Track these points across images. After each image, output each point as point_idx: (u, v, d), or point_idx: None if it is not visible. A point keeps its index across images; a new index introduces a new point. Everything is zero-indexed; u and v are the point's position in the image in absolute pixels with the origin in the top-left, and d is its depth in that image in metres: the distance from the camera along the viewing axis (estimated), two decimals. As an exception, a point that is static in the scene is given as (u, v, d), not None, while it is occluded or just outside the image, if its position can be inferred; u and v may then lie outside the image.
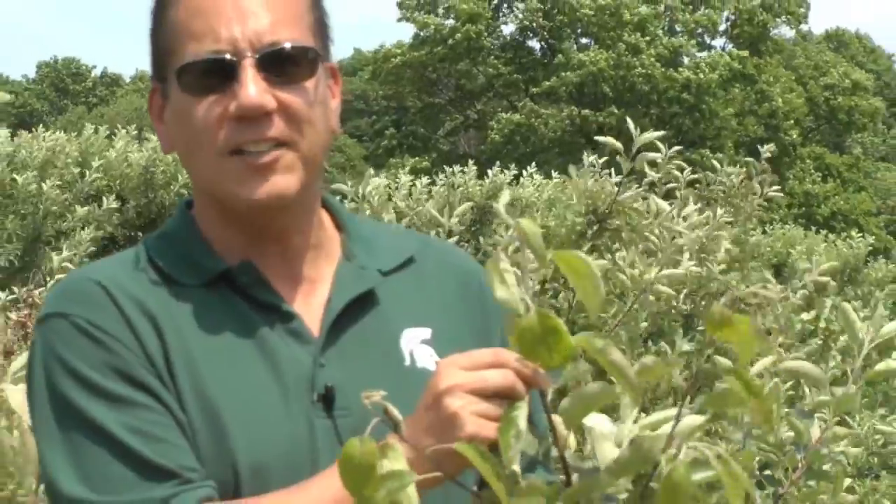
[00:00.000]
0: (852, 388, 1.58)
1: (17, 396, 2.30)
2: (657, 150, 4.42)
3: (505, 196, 2.78)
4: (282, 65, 1.58)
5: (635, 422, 1.40)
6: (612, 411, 1.38)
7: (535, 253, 1.29)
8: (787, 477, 1.54)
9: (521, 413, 1.30)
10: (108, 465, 1.48)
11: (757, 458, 1.89)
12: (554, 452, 1.37)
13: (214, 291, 1.60)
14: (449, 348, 1.63)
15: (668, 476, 1.22)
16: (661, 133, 4.25)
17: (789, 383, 3.00)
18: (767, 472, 2.10)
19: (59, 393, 1.51)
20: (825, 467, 2.02)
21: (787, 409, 2.23)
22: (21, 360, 2.41)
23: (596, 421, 1.39)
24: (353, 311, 1.63)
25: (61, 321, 1.54)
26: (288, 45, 1.58)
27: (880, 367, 1.56)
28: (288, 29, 1.59)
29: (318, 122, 1.60)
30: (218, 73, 1.56)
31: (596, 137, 4.54)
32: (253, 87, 1.54)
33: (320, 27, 1.67)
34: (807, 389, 1.65)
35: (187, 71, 1.57)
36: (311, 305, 1.64)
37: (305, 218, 1.66)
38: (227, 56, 1.55)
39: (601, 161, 4.78)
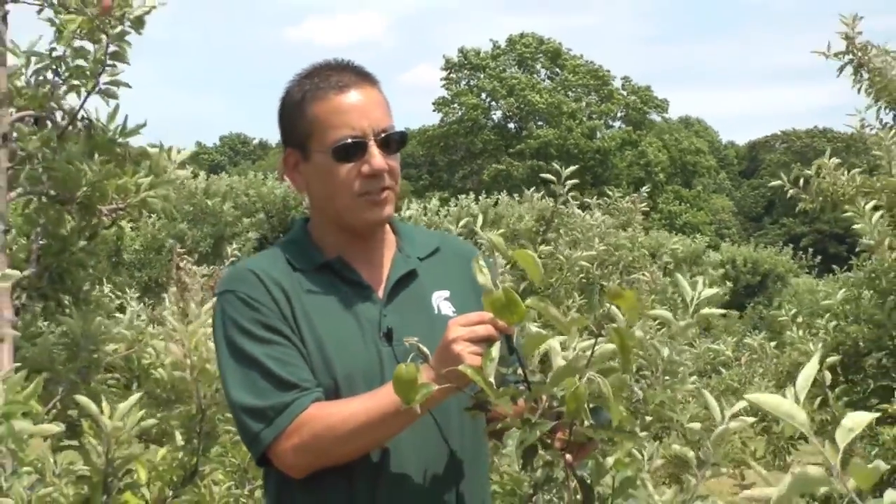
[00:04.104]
0: (686, 322, 1.55)
1: (198, 331, 2.25)
2: (578, 183, 4.53)
3: (479, 220, 2.74)
4: (389, 143, 1.55)
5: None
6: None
7: (501, 253, 1.37)
8: (654, 376, 1.51)
9: (495, 350, 1.33)
10: (260, 381, 1.46)
11: (635, 364, 1.89)
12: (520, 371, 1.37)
13: (320, 273, 1.57)
14: (460, 303, 1.61)
15: (573, 389, 1.24)
16: (576, 167, 4.39)
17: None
18: (644, 371, 2.11)
19: (232, 340, 1.50)
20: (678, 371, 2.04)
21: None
22: (209, 305, 2.37)
23: (553, 345, 1.39)
24: (403, 282, 1.60)
25: (231, 295, 1.52)
26: (392, 131, 1.56)
27: (703, 312, 1.54)
28: (388, 119, 1.57)
29: (400, 175, 1.60)
30: (355, 148, 1.52)
31: (542, 175, 4.62)
32: (378, 158, 1.53)
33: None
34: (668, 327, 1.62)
35: (339, 148, 1.52)
36: (378, 278, 1.60)
37: (382, 227, 1.64)
38: (362, 139, 1.52)
39: (551, 188, 4.81)
